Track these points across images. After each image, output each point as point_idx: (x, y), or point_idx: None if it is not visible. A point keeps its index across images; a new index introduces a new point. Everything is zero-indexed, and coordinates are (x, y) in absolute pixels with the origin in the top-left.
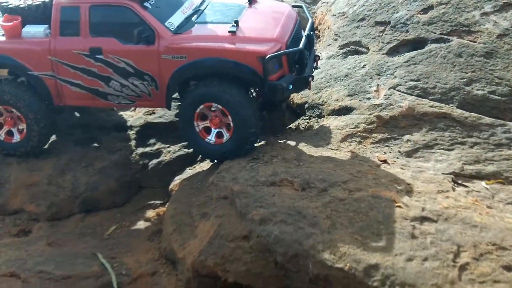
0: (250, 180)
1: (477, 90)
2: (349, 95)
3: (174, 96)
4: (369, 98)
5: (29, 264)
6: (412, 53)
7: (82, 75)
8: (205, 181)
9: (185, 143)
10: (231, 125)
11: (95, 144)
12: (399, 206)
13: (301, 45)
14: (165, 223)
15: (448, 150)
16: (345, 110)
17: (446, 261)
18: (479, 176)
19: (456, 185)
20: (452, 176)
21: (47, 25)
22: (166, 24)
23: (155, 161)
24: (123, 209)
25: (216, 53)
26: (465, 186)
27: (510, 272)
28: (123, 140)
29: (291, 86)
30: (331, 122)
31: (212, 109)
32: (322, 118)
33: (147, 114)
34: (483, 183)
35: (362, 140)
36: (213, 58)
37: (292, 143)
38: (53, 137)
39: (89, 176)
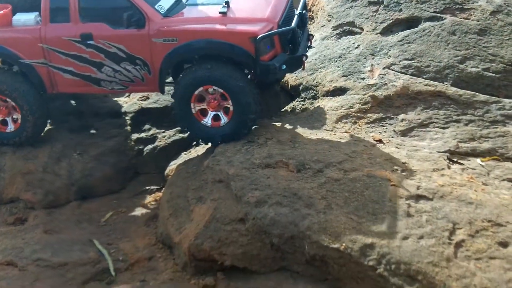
0: (245, 163)
1: (471, 67)
2: (343, 76)
3: (167, 80)
4: (363, 79)
5: (26, 252)
6: (406, 32)
7: (73, 62)
8: (201, 165)
9: (180, 128)
10: (231, 109)
11: (90, 131)
12: (394, 185)
13: (293, 24)
14: (161, 208)
15: (443, 128)
16: (339, 91)
17: (441, 239)
18: (474, 154)
19: (451, 163)
20: (447, 154)
21: (37, 13)
22: (156, 7)
23: (150, 146)
24: (119, 196)
25: (207, 35)
26: (460, 164)
27: (506, 248)
28: (117, 126)
29: (284, 66)
30: (326, 103)
31: (210, 91)
32: (317, 100)
33: (141, 100)
34: (478, 160)
35: (357, 121)
36: (204, 40)
37: (287, 125)
38: (48, 125)
39: (84, 163)
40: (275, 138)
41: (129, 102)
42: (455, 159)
